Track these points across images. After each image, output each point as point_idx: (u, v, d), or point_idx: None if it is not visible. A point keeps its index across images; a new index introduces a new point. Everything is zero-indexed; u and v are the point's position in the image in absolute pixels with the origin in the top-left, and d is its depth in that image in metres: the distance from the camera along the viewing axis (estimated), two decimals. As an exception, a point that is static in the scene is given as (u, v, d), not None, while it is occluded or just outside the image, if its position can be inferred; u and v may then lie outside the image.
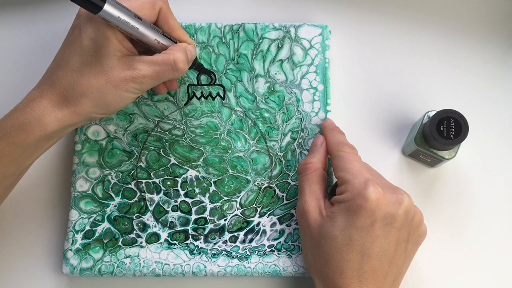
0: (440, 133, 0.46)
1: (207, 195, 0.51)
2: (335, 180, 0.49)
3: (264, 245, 0.50)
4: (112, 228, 0.50)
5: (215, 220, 0.50)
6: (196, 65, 0.50)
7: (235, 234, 0.50)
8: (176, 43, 0.47)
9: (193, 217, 0.50)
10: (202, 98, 0.52)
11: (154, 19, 0.46)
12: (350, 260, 0.42)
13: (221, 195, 0.51)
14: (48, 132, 0.43)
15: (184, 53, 0.46)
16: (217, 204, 0.51)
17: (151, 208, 0.50)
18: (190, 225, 0.50)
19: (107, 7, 0.41)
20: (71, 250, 0.49)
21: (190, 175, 0.51)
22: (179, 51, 0.45)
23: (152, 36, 0.45)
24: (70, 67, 0.43)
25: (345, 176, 0.44)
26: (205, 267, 0.49)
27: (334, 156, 0.47)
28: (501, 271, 0.51)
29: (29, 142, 0.43)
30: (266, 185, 0.51)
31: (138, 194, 0.50)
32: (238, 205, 0.51)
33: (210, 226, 0.50)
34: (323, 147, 0.49)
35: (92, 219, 0.50)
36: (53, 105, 0.43)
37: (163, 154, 0.51)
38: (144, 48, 0.47)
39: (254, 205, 0.51)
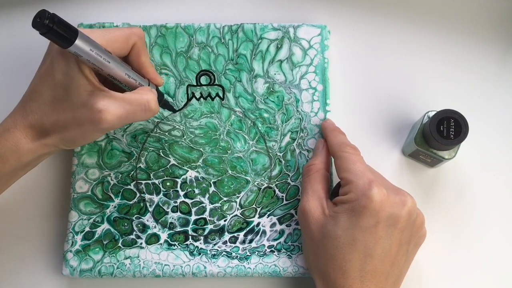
0: (440, 133, 0.46)
1: (207, 195, 0.51)
2: (336, 181, 0.49)
3: (264, 245, 0.50)
4: (112, 229, 0.50)
5: (215, 221, 0.50)
6: (163, 102, 0.50)
7: (235, 234, 0.50)
8: (144, 78, 0.47)
9: (193, 217, 0.50)
10: (201, 99, 0.52)
11: (126, 53, 0.46)
12: (353, 260, 0.42)
13: (221, 196, 0.51)
14: (23, 162, 0.44)
15: (154, 95, 0.45)
16: (216, 204, 0.51)
17: (150, 209, 0.50)
18: (190, 226, 0.50)
19: (78, 42, 0.40)
20: (71, 251, 0.49)
21: (190, 176, 0.51)
22: (150, 93, 0.45)
23: (121, 71, 0.44)
24: (43, 100, 0.43)
25: (348, 177, 0.44)
26: (205, 267, 0.49)
27: (336, 157, 0.47)
28: (501, 271, 0.51)
29: (5, 171, 0.43)
30: (265, 185, 0.51)
31: (138, 195, 0.50)
32: (237, 206, 0.50)
33: (210, 226, 0.50)
34: (324, 149, 0.49)
35: (91, 220, 0.50)
36: (25, 136, 0.43)
37: (162, 155, 0.51)
38: (113, 85, 0.46)
39: (254, 206, 0.51)
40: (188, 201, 0.50)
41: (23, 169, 0.45)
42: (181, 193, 0.51)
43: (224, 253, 0.50)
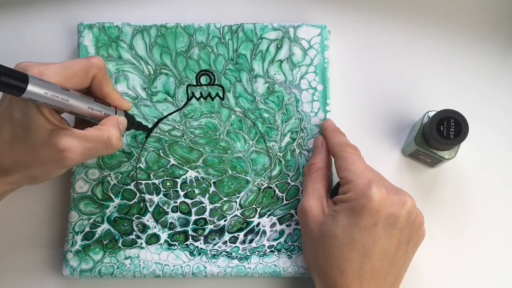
0: (440, 133, 0.46)
1: (207, 195, 0.51)
2: (336, 180, 0.49)
3: (264, 245, 0.50)
4: (112, 229, 0.50)
5: (215, 221, 0.50)
6: (135, 125, 0.49)
7: (235, 234, 0.50)
8: (110, 106, 0.46)
9: (193, 218, 0.50)
10: (201, 99, 0.52)
11: (87, 85, 0.45)
12: (351, 260, 0.42)
13: (221, 196, 0.51)
14: None
15: (117, 128, 0.44)
16: (216, 204, 0.51)
17: (150, 209, 0.50)
18: (190, 226, 0.50)
19: (30, 88, 0.38)
20: (71, 251, 0.49)
21: (190, 176, 0.51)
22: (112, 127, 0.44)
23: (83, 106, 0.43)
24: (2, 139, 0.42)
25: (348, 176, 0.44)
26: (205, 268, 0.49)
27: (337, 156, 0.47)
28: (501, 271, 0.51)
29: None
30: (265, 185, 0.51)
31: (138, 195, 0.50)
32: (238, 206, 0.50)
33: (210, 226, 0.50)
34: (324, 146, 0.49)
35: (91, 220, 0.50)
36: None
37: (162, 155, 0.51)
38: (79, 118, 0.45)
39: (254, 206, 0.51)
40: (188, 201, 0.50)
41: None
42: (181, 193, 0.51)
43: (224, 253, 0.50)
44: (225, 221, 0.50)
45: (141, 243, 0.50)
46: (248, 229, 0.50)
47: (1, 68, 0.37)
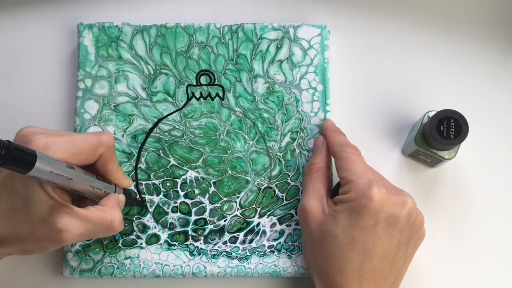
0: (440, 133, 0.46)
1: (207, 196, 0.51)
2: (336, 180, 0.49)
3: (264, 245, 0.50)
4: (112, 230, 0.50)
5: (215, 221, 0.50)
6: (131, 200, 0.48)
7: (235, 234, 0.50)
8: (110, 183, 0.45)
9: (193, 218, 0.50)
10: (201, 99, 0.52)
11: (92, 162, 0.43)
12: (351, 260, 0.42)
13: (221, 196, 0.51)
14: None
15: (119, 210, 0.43)
16: (216, 204, 0.50)
17: (151, 209, 0.50)
18: (190, 226, 0.50)
19: (37, 166, 0.36)
20: (71, 251, 0.49)
21: (190, 176, 0.51)
22: (115, 208, 0.43)
23: (85, 184, 0.41)
24: (0, 208, 0.40)
25: (349, 176, 0.44)
26: (205, 268, 0.49)
27: (337, 157, 0.47)
28: (501, 271, 0.51)
29: None
30: (265, 185, 0.51)
31: (138, 195, 0.50)
32: (238, 206, 0.50)
33: (210, 227, 0.50)
34: (324, 146, 0.49)
35: (91, 220, 0.50)
36: None
37: (162, 155, 0.51)
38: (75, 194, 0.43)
39: (254, 206, 0.50)
40: (188, 201, 0.50)
41: None
42: (181, 193, 0.51)
43: (224, 253, 0.50)
44: (225, 221, 0.50)
45: (141, 243, 0.50)
46: (248, 229, 0.50)
47: (12, 145, 0.34)
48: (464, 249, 0.51)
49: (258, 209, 0.50)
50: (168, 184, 0.51)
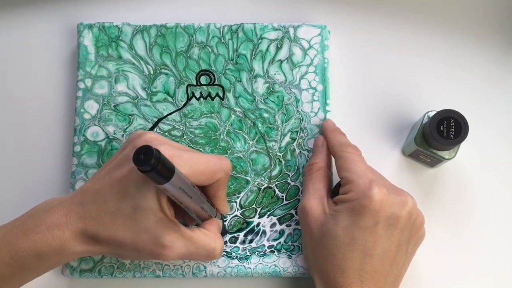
0: (440, 133, 0.46)
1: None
2: (336, 180, 0.49)
3: (264, 245, 0.50)
4: (112, 229, 0.50)
5: (215, 221, 0.50)
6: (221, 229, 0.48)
7: (235, 234, 0.50)
8: (213, 208, 0.45)
9: (193, 218, 0.50)
10: (201, 99, 0.52)
11: (207, 185, 0.43)
12: (352, 260, 0.42)
13: (221, 196, 0.51)
14: (62, 262, 0.41)
15: (221, 240, 0.43)
16: (216, 204, 0.51)
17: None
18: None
19: (173, 180, 0.36)
20: (70, 251, 0.49)
21: (190, 176, 0.51)
22: (219, 236, 0.43)
23: (198, 205, 0.41)
24: (106, 208, 0.39)
25: (349, 176, 0.44)
26: (205, 268, 0.49)
27: (337, 156, 0.47)
28: (501, 271, 0.51)
29: (42, 268, 0.40)
30: (265, 185, 0.51)
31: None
32: (237, 206, 0.50)
33: (210, 226, 0.50)
34: (324, 146, 0.49)
35: (91, 220, 0.50)
36: (74, 238, 0.39)
37: (162, 155, 0.51)
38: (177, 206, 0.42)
39: (253, 206, 0.50)
40: (188, 201, 0.50)
41: (59, 265, 0.42)
42: (181, 193, 0.51)
43: (224, 253, 0.50)
44: (225, 221, 0.50)
45: (141, 243, 0.50)
46: (248, 229, 0.50)
47: (161, 156, 0.34)
48: (464, 249, 0.51)
49: (258, 209, 0.50)
50: (168, 184, 0.51)
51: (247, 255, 0.50)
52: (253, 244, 0.50)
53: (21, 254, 0.39)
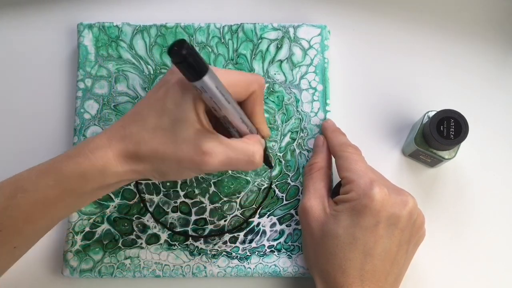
0: (440, 133, 0.46)
1: (207, 195, 0.51)
2: (337, 179, 0.49)
3: (264, 245, 0.50)
4: (112, 229, 0.50)
5: (215, 221, 0.50)
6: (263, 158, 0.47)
7: (235, 234, 0.50)
8: (254, 128, 0.45)
9: (193, 218, 0.50)
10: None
11: (244, 99, 0.43)
12: (353, 259, 0.42)
13: (221, 196, 0.51)
14: (106, 183, 0.41)
15: (261, 147, 0.42)
16: (217, 204, 0.50)
17: (150, 209, 0.50)
18: (190, 226, 0.50)
19: (206, 78, 0.37)
20: (71, 251, 0.49)
21: (190, 176, 0.51)
22: (257, 143, 0.42)
23: (237, 115, 0.41)
24: (145, 125, 0.40)
25: (350, 176, 0.44)
26: (205, 267, 0.49)
27: (338, 156, 0.47)
28: (501, 271, 0.51)
29: (87, 190, 0.40)
30: (265, 185, 0.51)
31: (138, 195, 0.50)
32: (238, 206, 0.50)
33: (210, 226, 0.50)
34: (325, 146, 0.49)
35: (91, 220, 0.50)
36: (116, 158, 0.40)
37: (162, 155, 0.51)
38: (219, 127, 0.43)
39: (254, 206, 0.50)
40: (188, 201, 0.50)
41: (103, 190, 0.42)
42: (181, 193, 0.51)
43: (224, 253, 0.50)
44: (225, 221, 0.50)
45: (141, 243, 0.50)
46: (248, 229, 0.50)
47: (193, 50, 0.36)
48: (464, 249, 0.51)
49: (258, 209, 0.50)
50: (168, 183, 0.51)
51: (247, 255, 0.50)
52: (253, 244, 0.50)
53: (66, 176, 0.39)
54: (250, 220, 0.50)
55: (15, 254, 0.43)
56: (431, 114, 0.48)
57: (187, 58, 0.35)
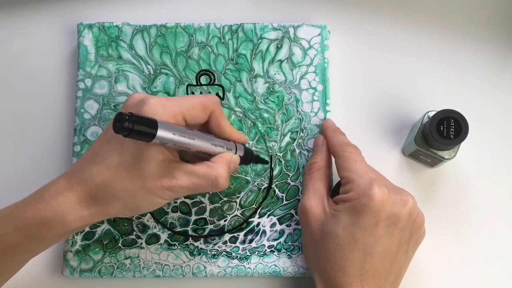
0: (440, 133, 0.46)
1: (207, 195, 0.51)
2: (337, 179, 0.49)
3: (264, 245, 0.50)
4: (112, 229, 0.50)
5: (215, 221, 0.50)
6: (250, 158, 0.48)
7: (235, 234, 0.50)
8: (229, 141, 0.46)
9: (193, 218, 0.50)
10: (202, 99, 0.52)
11: (204, 121, 0.44)
12: (353, 259, 0.42)
13: (221, 196, 0.51)
14: (69, 229, 0.41)
15: (227, 169, 0.43)
16: (217, 204, 0.50)
17: (150, 209, 0.50)
18: (190, 226, 0.50)
19: (160, 133, 0.38)
20: (71, 251, 0.49)
21: (190, 176, 0.51)
22: (222, 166, 0.42)
23: (207, 143, 0.43)
24: (107, 165, 0.40)
25: (350, 176, 0.44)
26: (205, 267, 0.49)
27: (338, 156, 0.47)
28: (501, 271, 0.51)
29: (49, 236, 0.40)
30: (265, 185, 0.51)
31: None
32: (238, 206, 0.50)
33: (210, 226, 0.50)
34: (325, 146, 0.49)
35: (91, 220, 0.50)
36: (80, 202, 0.40)
37: (162, 155, 0.51)
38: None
39: (254, 206, 0.50)
40: (188, 201, 0.50)
41: (67, 235, 0.42)
42: (181, 193, 0.51)
43: (224, 253, 0.50)
44: (225, 221, 0.50)
45: (141, 243, 0.50)
46: (248, 229, 0.50)
47: (133, 117, 0.36)
48: (464, 249, 0.51)
49: (258, 209, 0.50)
50: (168, 184, 0.51)
51: (247, 255, 0.50)
52: (253, 244, 0.50)
53: (26, 223, 0.39)
54: (250, 220, 0.50)
55: None
56: (431, 114, 0.48)
57: (132, 128, 0.36)
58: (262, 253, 0.50)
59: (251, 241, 0.50)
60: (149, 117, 0.38)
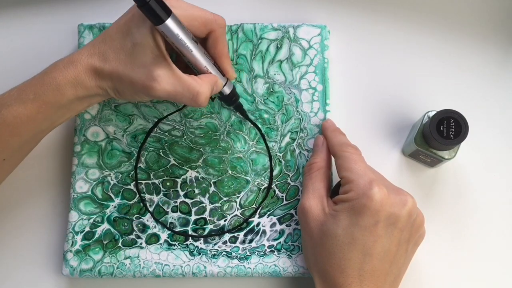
0: (440, 133, 0.46)
1: (207, 195, 0.51)
2: (336, 179, 0.49)
3: (264, 245, 0.50)
4: (112, 229, 0.50)
5: (215, 221, 0.50)
6: (234, 100, 0.50)
7: (235, 234, 0.50)
8: (221, 73, 0.48)
9: (193, 217, 0.50)
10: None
11: (202, 36, 0.46)
12: (352, 259, 0.42)
13: (221, 196, 0.51)
14: (78, 96, 0.44)
15: (210, 89, 0.45)
16: (216, 204, 0.51)
17: (150, 209, 0.50)
18: (190, 226, 0.50)
19: (168, 23, 0.41)
20: (71, 251, 0.49)
21: (190, 176, 0.51)
22: (207, 85, 0.45)
23: (201, 61, 0.45)
24: (112, 46, 0.44)
25: (349, 176, 0.44)
26: (205, 267, 0.49)
27: (337, 156, 0.47)
28: (500, 271, 0.51)
29: (63, 102, 0.44)
30: (265, 185, 0.51)
31: (138, 195, 0.50)
32: (237, 206, 0.50)
33: (210, 226, 0.50)
34: (325, 146, 0.49)
35: (91, 220, 0.50)
36: (85, 72, 0.44)
37: (162, 155, 0.51)
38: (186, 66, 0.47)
39: (253, 206, 0.51)
40: (188, 201, 0.50)
41: (78, 104, 0.45)
42: (181, 193, 0.51)
43: (224, 253, 0.50)
44: (225, 221, 0.50)
45: (141, 243, 0.50)
46: (248, 229, 0.50)
47: None
48: (464, 249, 0.51)
49: (258, 209, 0.50)
50: (168, 183, 0.51)
51: (247, 255, 0.50)
52: (253, 244, 0.50)
53: (43, 90, 0.43)
54: (250, 220, 0.50)
55: (5, 167, 0.46)
56: (431, 114, 0.48)
57: (149, 2, 0.39)
58: (262, 253, 0.50)
59: (251, 241, 0.50)
60: (166, 5, 0.41)
